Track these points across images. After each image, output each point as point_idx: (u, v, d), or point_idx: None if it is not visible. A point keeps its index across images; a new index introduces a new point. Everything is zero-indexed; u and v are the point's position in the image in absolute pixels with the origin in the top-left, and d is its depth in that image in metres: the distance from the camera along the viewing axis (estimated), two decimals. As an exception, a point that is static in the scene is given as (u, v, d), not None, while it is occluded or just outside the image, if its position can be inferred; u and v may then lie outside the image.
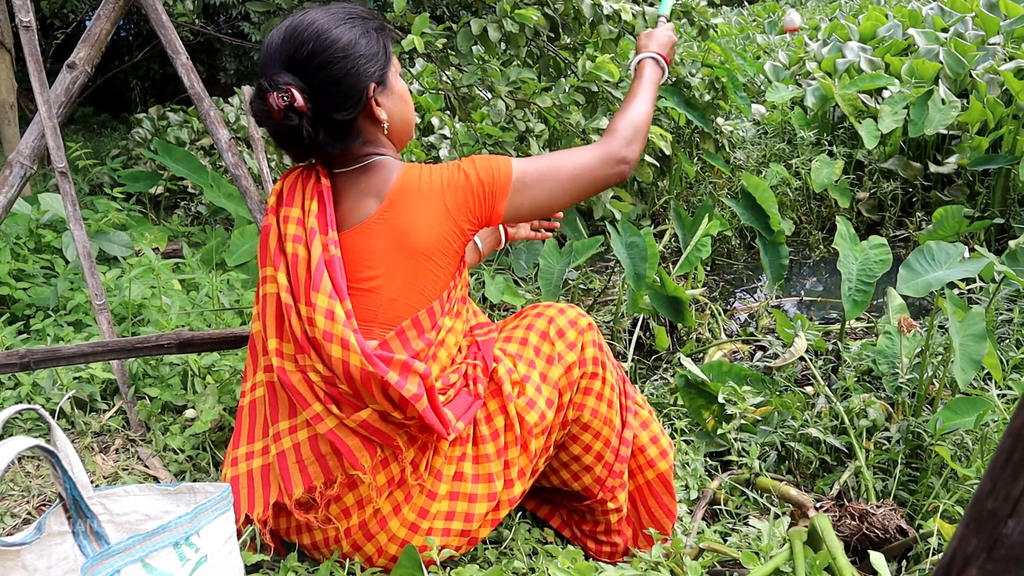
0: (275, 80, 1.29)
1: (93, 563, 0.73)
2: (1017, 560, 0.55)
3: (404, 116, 1.45)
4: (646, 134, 1.52)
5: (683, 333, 2.85)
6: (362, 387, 1.28)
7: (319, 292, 1.29)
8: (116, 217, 2.75)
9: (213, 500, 0.90)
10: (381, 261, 1.34)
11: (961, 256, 2.09)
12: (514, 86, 2.88)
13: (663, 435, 1.66)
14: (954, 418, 1.85)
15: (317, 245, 1.33)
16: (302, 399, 1.32)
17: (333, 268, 1.32)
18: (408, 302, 1.36)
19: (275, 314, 1.37)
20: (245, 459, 1.42)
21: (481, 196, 1.38)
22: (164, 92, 7.83)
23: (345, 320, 1.28)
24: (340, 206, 1.40)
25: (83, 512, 0.81)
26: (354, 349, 1.26)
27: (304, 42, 1.31)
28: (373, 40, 1.36)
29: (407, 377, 1.28)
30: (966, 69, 4.14)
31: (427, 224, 1.34)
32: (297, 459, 1.35)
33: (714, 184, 4.03)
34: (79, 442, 1.82)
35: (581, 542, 1.64)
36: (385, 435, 1.32)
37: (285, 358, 1.35)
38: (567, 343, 1.51)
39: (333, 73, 1.31)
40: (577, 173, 1.44)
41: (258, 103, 1.31)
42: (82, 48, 2.07)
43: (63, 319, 2.28)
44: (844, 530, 1.67)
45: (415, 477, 1.36)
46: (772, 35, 7.23)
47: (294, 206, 1.39)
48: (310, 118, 1.32)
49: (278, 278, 1.36)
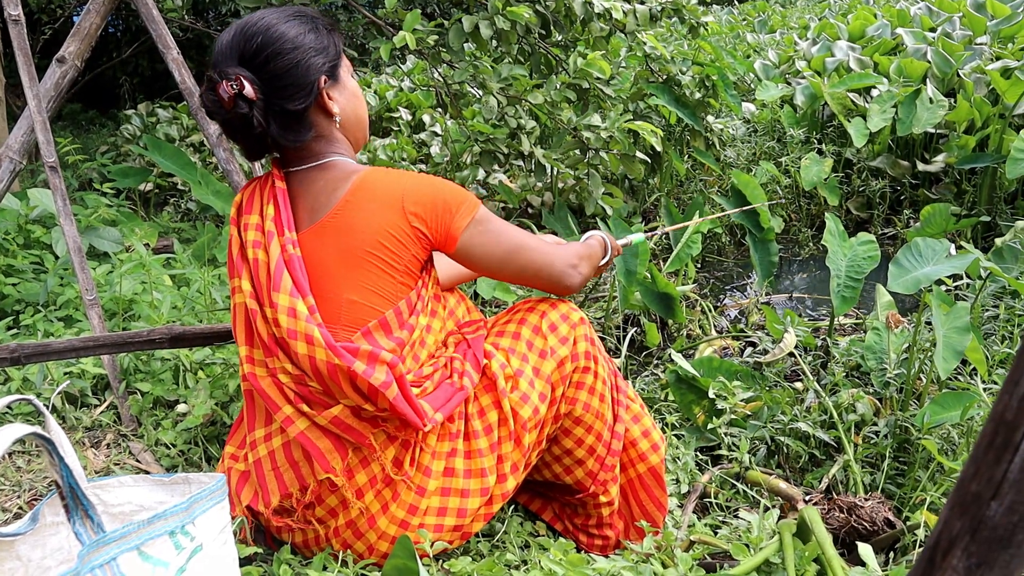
0: (225, 71, 1.32)
1: (89, 550, 0.73)
2: (1000, 541, 0.56)
3: (357, 112, 1.47)
4: (591, 274, 1.60)
5: (674, 329, 2.86)
6: (330, 381, 1.28)
7: (279, 292, 1.31)
8: (106, 213, 2.74)
9: (208, 490, 0.90)
10: (336, 261, 1.35)
11: (947, 252, 2.11)
12: (505, 83, 2.89)
13: (654, 429, 1.67)
14: (941, 412, 1.87)
15: (275, 246, 1.35)
16: (273, 403, 1.33)
17: (292, 267, 1.33)
18: (368, 304, 1.36)
19: (243, 322, 1.39)
20: (230, 459, 1.44)
21: (443, 208, 1.38)
22: (153, 88, 7.78)
23: (308, 316, 1.29)
24: (297, 205, 1.41)
25: (79, 500, 0.82)
26: (318, 343, 1.27)
27: (253, 35, 1.34)
28: (323, 36, 1.40)
29: (374, 366, 1.28)
30: (953, 68, 4.18)
31: (380, 226, 1.35)
32: (272, 467, 1.36)
33: (704, 182, 4.05)
34: (70, 437, 1.81)
35: (573, 535, 1.65)
36: (358, 433, 1.32)
37: (256, 364, 1.36)
38: (559, 337, 1.52)
39: (283, 64, 1.33)
40: (535, 247, 1.47)
41: (208, 94, 1.33)
42: (72, 42, 2.07)
43: (53, 315, 2.27)
44: (833, 522, 1.68)
45: (399, 474, 1.36)
46: (762, 34, 7.26)
47: (252, 213, 1.41)
48: (261, 108, 1.34)
49: (242, 286, 1.37)
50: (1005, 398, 0.55)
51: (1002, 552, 0.57)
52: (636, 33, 3.21)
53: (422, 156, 4.13)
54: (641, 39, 3.27)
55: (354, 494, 1.34)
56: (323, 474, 1.32)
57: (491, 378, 1.46)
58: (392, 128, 4.71)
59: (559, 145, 3.11)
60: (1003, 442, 0.55)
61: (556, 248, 1.52)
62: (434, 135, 4.28)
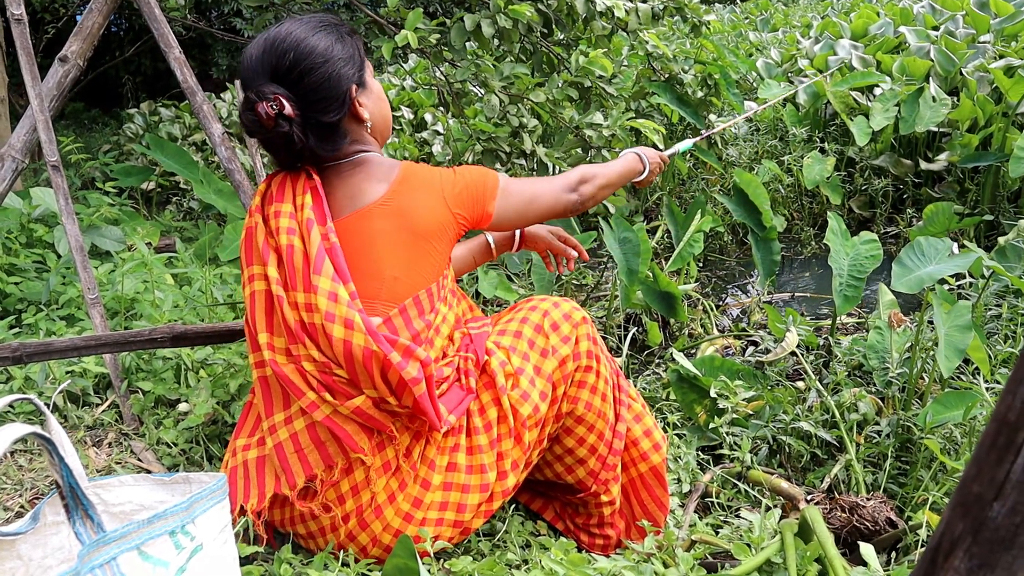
0: (262, 91, 1.34)
1: (89, 550, 0.73)
2: (1002, 543, 0.56)
3: (384, 114, 1.52)
4: (600, 190, 1.70)
5: (676, 328, 2.86)
6: (362, 368, 1.29)
7: (321, 275, 1.32)
8: (108, 212, 2.74)
9: (208, 489, 0.90)
10: (384, 242, 1.39)
11: (950, 251, 2.10)
12: (507, 81, 2.89)
13: (656, 428, 1.67)
14: (943, 412, 1.87)
15: (316, 235, 1.36)
16: (296, 389, 1.33)
17: (335, 254, 1.36)
18: (409, 282, 1.40)
19: (264, 309, 1.39)
20: (242, 450, 1.43)
21: (474, 195, 1.48)
22: (156, 87, 7.79)
23: (349, 301, 1.32)
24: (334, 197, 1.44)
25: (79, 499, 0.82)
26: (359, 328, 1.29)
27: (285, 52, 1.35)
28: (348, 44, 1.42)
29: (408, 360, 1.31)
30: (956, 67, 4.17)
31: (429, 209, 1.42)
32: (296, 448, 1.36)
33: (707, 180, 4.05)
34: (72, 436, 1.81)
35: (574, 535, 1.64)
36: (379, 422, 1.34)
37: (277, 351, 1.37)
38: (561, 336, 1.53)
39: (316, 78, 1.36)
40: (543, 189, 1.60)
41: (248, 114, 1.35)
42: (74, 42, 2.07)
43: (55, 313, 2.27)
44: (834, 522, 1.68)
45: (408, 463, 1.38)
46: (764, 32, 7.25)
47: (284, 202, 1.42)
48: (299, 124, 1.36)
49: (268, 272, 1.38)
50: (1008, 399, 0.55)
51: (1004, 554, 0.56)
52: (638, 31, 3.21)
53: (424, 155, 4.12)
54: (643, 38, 3.26)
55: (376, 474, 1.37)
56: (354, 454, 1.33)
57: (491, 375, 1.47)
58: (394, 127, 4.71)
59: (561, 144, 3.10)
60: (1005, 443, 0.55)
61: (557, 179, 1.63)
62: (436, 134, 4.28)
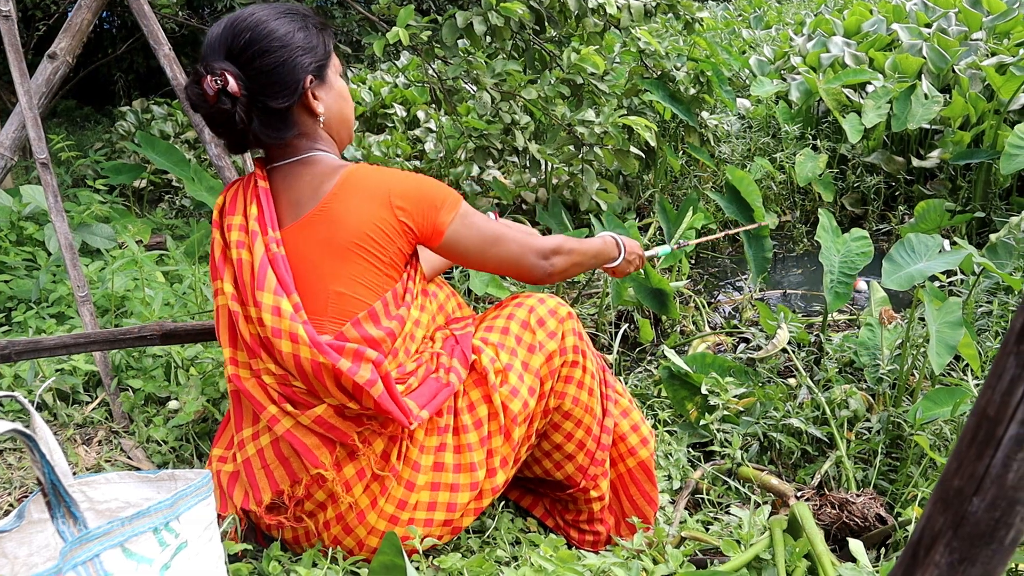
0: (211, 65, 1.32)
1: (72, 547, 0.73)
2: (982, 537, 0.56)
3: (342, 112, 1.47)
4: (572, 266, 1.59)
5: (667, 326, 2.86)
6: (314, 379, 1.28)
7: (263, 290, 1.30)
8: (99, 209, 2.73)
9: (193, 486, 0.90)
10: (324, 254, 1.35)
11: (941, 248, 2.11)
12: (499, 79, 2.88)
13: (643, 423, 1.67)
14: (933, 408, 1.88)
15: (259, 245, 1.35)
16: (258, 403, 1.33)
17: (277, 265, 1.33)
18: (354, 295, 1.36)
19: (226, 324, 1.38)
20: (218, 461, 1.44)
21: (425, 200, 1.39)
22: (148, 85, 7.76)
23: (292, 314, 1.29)
24: (280, 201, 1.41)
25: (62, 497, 0.81)
26: (303, 341, 1.27)
27: (242, 31, 1.34)
28: (312, 35, 1.40)
29: (359, 364, 1.29)
30: (949, 64, 4.18)
31: (368, 216, 1.35)
32: (262, 464, 1.36)
33: (699, 178, 4.05)
34: (61, 434, 1.81)
35: (564, 531, 1.65)
36: (341, 432, 1.32)
37: (239, 366, 1.37)
38: (547, 332, 1.52)
39: (269, 61, 1.33)
40: (512, 239, 1.49)
41: (193, 87, 1.33)
42: (63, 38, 2.06)
43: (45, 311, 2.26)
44: (824, 518, 1.69)
45: (383, 468, 1.35)
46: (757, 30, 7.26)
47: (236, 214, 1.41)
48: (244, 104, 1.34)
49: (224, 287, 1.37)
50: (988, 393, 0.55)
51: (984, 548, 0.57)
52: (630, 29, 3.21)
53: (416, 152, 4.12)
54: (635, 34, 3.26)
55: (343, 487, 1.34)
56: (314, 469, 1.32)
57: (481, 372, 1.46)
58: (387, 124, 4.70)
59: (553, 141, 3.10)
60: (985, 437, 0.55)
61: (532, 239, 1.52)
62: (429, 131, 4.27)
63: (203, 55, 1.36)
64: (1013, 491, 0.54)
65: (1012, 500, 0.55)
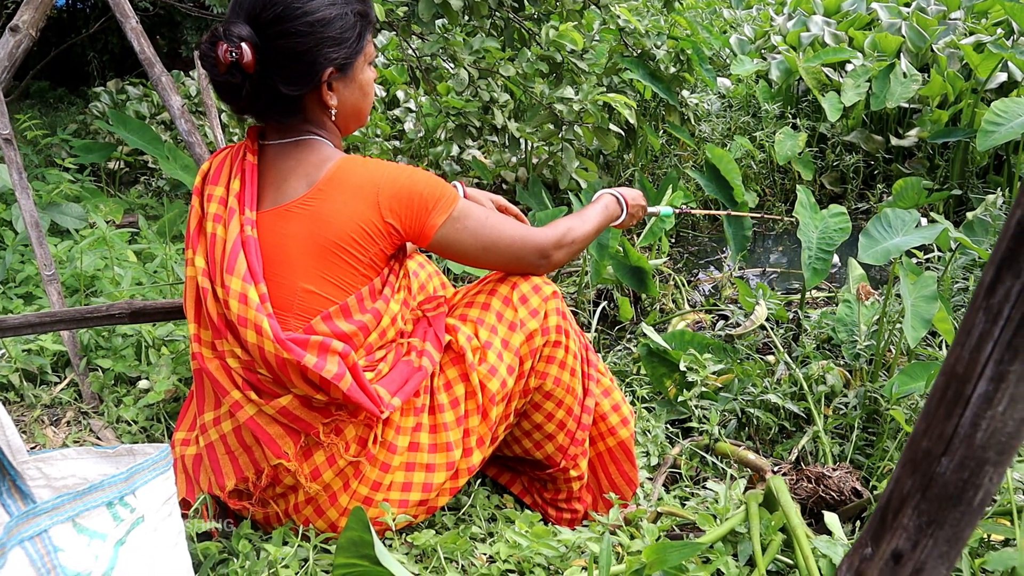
0: (231, 31, 1.23)
1: (18, 522, 0.70)
2: (951, 499, 0.55)
3: (357, 107, 1.41)
4: (577, 251, 1.54)
5: (647, 304, 2.85)
6: (280, 373, 1.24)
7: (233, 275, 1.25)
8: (69, 189, 2.68)
9: (151, 460, 0.87)
10: (298, 249, 1.30)
11: (917, 223, 2.11)
12: (477, 56, 2.85)
13: (624, 403, 1.66)
14: (909, 382, 1.88)
15: (235, 225, 1.29)
16: (221, 387, 1.29)
17: (249, 249, 1.28)
18: (323, 294, 1.31)
19: (194, 299, 1.33)
20: (181, 445, 1.40)
21: (419, 205, 1.33)
22: (124, 65, 7.62)
23: (259, 304, 1.24)
24: (264, 181, 1.35)
25: (6, 470, 0.78)
26: (267, 335, 1.22)
27: (275, 3, 1.24)
28: (349, 24, 1.30)
29: (325, 357, 1.24)
30: (927, 43, 4.18)
31: (351, 218, 1.29)
32: (226, 451, 1.33)
33: (679, 156, 4.04)
34: (29, 415, 1.78)
35: (542, 509, 1.63)
36: (305, 423, 1.28)
37: (203, 344, 1.31)
38: (530, 310, 1.49)
39: (292, 45, 1.25)
40: (510, 241, 1.43)
41: (208, 47, 1.25)
42: (25, 11, 2.01)
43: (12, 292, 2.22)
44: (801, 492, 1.69)
45: (359, 454, 1.32)
46: (738, 9, 7.23)
47: (219, 184, 1.34)
48: (254, 81, 1.27)
49: (196, 261, 1.31)
50: (956, 350, 0.54)
51: (952, 510, 0.55)
52: (610, 6, 3.18)
53: (396, 132, 4.07)
54: (615, 13, 3.23)
55: (310, 474, 1.31)
56: (275, 460, 1.28)
57: (458, 351, 1.43)
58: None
59: (533, 119, 3.07)
60: (954, 396, 0.54)
61: (531, 237, 1.45)
62: (408, 111, 4.23)
63: (228, 12, 1.28)
64: (982, 451, 0.53)
65: (981, 460, 0.53)
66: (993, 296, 0.50)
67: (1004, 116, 3.03)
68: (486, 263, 1.46)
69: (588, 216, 1.60)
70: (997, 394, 0.52)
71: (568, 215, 1.58)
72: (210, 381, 1.31)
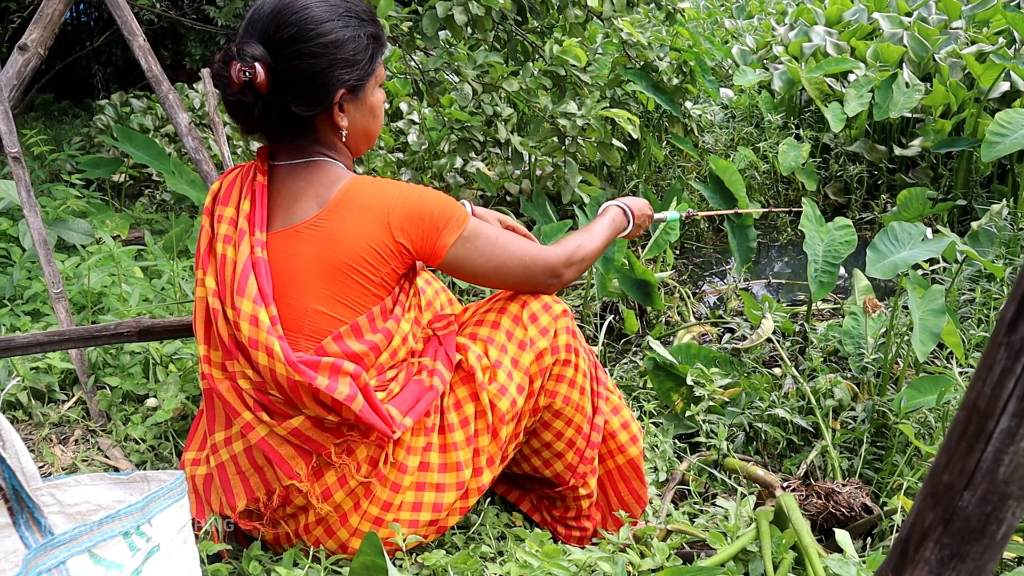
0: (244, 50, 1.24)
1: (36, 554, 0.70)
2: (973, 532, 0.55)
3: (368, 128, 1.41)
4: (587, 267, 1.55)
5: (652, 316, 2.85)
6: (291, 394, 1.24)
7: (243, 297, 1.25)
8: (75, 204, 2.68)
9: (166, 488, 0.87)
10: (308, 270, 1.30)
11: (924, 236, 2.11)
12: (481, 70, 2.86)
13: (633, 421, 1.66)
14: (917, 396, 1.88)
15: (245, 246, 1.29)
16: (232, 408, 1.29)
17: (259, 271, 1.28)
18: (333, 315, 1.31)
19: (203, 319, 1.33)
20: (192, 464, 1.40)
21: (430, 224, 1.33)
22: (128, 78, 7.65)
23: (269, 327, 1.24)
24: (274, 202, 1.35)
25: (24, 502, 0.78)
26: (278, 357, 1.22)
27: (288, 23, 1.25)
28: (361, 46, 1.31)
29: (337, 379, 1.24)
30: (929, 53, 4.19)
31: (362, 239, 1.29)
32: (237, 471, 1.33)
33: (683, 168, 4.04)
34: (37, 433, 1.78)
35: (551, 527, 1.63)
36: (317, 444, 1.28)
37: (213, 365, 1.32)
38: (539, 328, 1.48)
39: (304, 66, 1.26)
40: (520, 260, 1.43)
41: (221, 66, 1.25)
42: (34, 29, 2.02)
43: (20, 308, 2.22)
44: (810, 509, 1.68)
45: (370, 474, 1.32)
46: (740, 19, 7.25)
47: (229, 205, 1.35)
48: (266, 101, 1.27)
49: (206, 281, 1.32)
50: (978, 385, 0.54)
51: (975, 544, 0.55)
52: (613, 19, 3.19)
53: (399, 144, 4.08)
54: (618, 25, 3.24)
55: (322, 494, 1.31)
56: (287, 480, 1.28)
57: (468, 371, 1.43)
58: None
59: (536, 133, 3.08)
60: (976, 431, 0.54)
61: (541, 257, 1.45)
62: (412, 123, 4.24)
63: (241, 31, 1.28)
64: (1004, 485, 0.53)
65: (1004, 494, 0.53)
66: (1015, 333, 0.50)
67: (1008, 127, 3.04)
68: (496, 282, 1.46)
69: (596, 231, 1.61)
70: (1020, 429, 0.52)
71: (576, 231, 1.58)
72: (221, 402, 1.31)
